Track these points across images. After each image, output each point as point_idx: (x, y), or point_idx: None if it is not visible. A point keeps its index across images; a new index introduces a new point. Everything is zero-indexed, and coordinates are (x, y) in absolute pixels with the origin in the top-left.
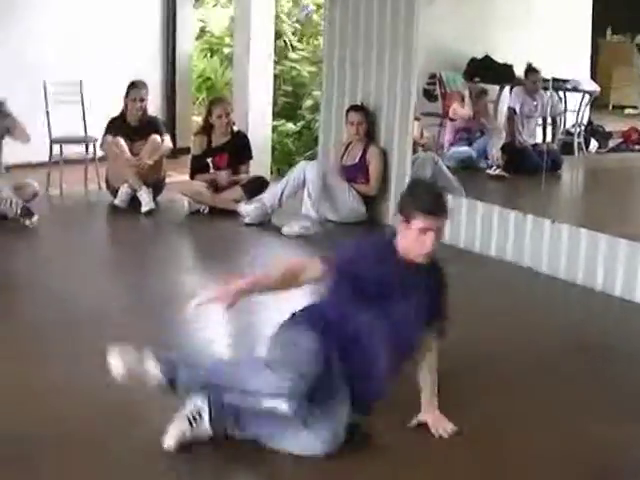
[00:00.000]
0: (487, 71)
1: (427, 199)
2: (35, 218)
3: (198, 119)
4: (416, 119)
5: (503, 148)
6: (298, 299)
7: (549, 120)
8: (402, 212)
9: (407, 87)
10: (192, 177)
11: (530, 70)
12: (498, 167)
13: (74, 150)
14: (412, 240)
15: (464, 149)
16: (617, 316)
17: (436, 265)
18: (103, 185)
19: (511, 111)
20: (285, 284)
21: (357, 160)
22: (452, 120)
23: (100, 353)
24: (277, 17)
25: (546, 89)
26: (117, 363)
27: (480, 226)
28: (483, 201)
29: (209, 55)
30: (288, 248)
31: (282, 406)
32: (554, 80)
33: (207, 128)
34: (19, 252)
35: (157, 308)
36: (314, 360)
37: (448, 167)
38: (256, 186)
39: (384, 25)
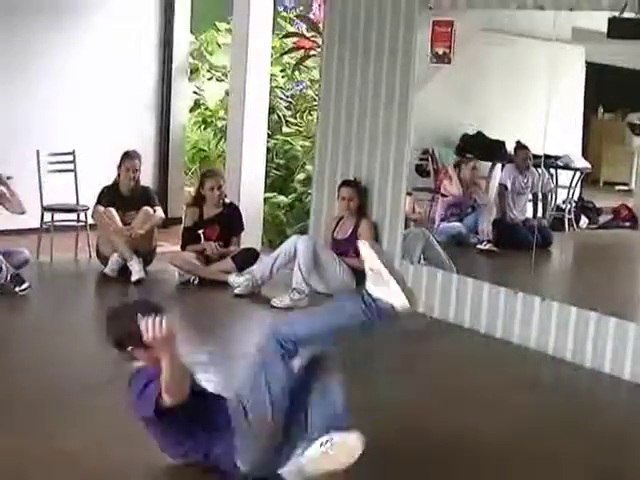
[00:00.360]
0: (479, 147)
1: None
2: (25, 285)
3: (190, 190)
4: (408, 194)
5: (494, 223)
6: None
7: (540, 196)
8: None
9: (400, 162)
10: (183, 248)
11: (519, 147)
12: (489, 242)
13: (65, 218)
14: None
15: (455, 224)
16: (605, 392)
17: None
18: (93, 254)
19: (502, 187)
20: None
21: (348, 234)
22: (444, 196)
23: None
24: (271, 92)
25: (537, 166)
26: None
27: (470, 302)
28: (473, 277)
29: (202, 127)
30: (278, 320)
31: None
32: (546, 157)
33: (199, 200)
34: (8, 319)
35: None
36: None
37: (439, 242)
38: (247, 258)
39: (378, 103)
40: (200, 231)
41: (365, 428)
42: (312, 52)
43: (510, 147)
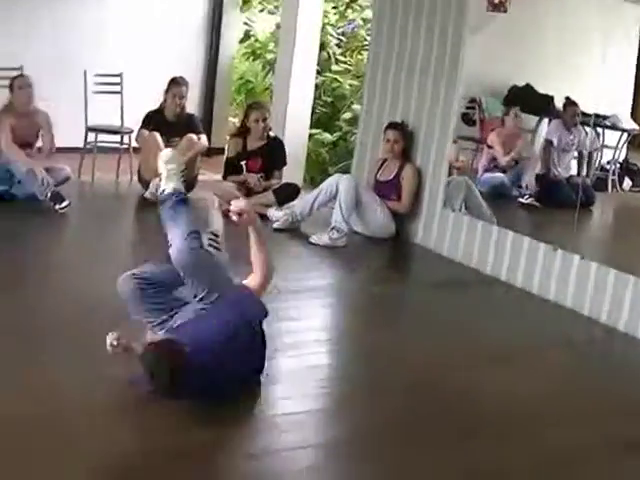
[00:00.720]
0: (527, 100)
1: None
2: (65, 203)
3: (234, 121)
4: (453, 142)
5: (537, 178)
6: None
7: (585, 155)
8: None
9: (447, 110)
10: (225, 178)
11: (568, 103)
12: (531, 196)
13: (109, 139)
14: None
15: (498, 175)
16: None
17: None
18: (135, 177)
19: (547, 142)
20: None
21: (391, 177)
22: (489, 147)
23: None
24: (323, 28)
25: (584, 124)
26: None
27: (508, 255)
28: (513, 230)
29: (251, 59)
30: (314, 257)
31: None
32: (594, 116)
33: (243, 131)
34: (46, 237)
35: None
36: None
37: (480, 192)
38: (288, 192)
39: (430, 46)
40: (242, 162)
41: (389, 380)
42: None
43: (559, 102)
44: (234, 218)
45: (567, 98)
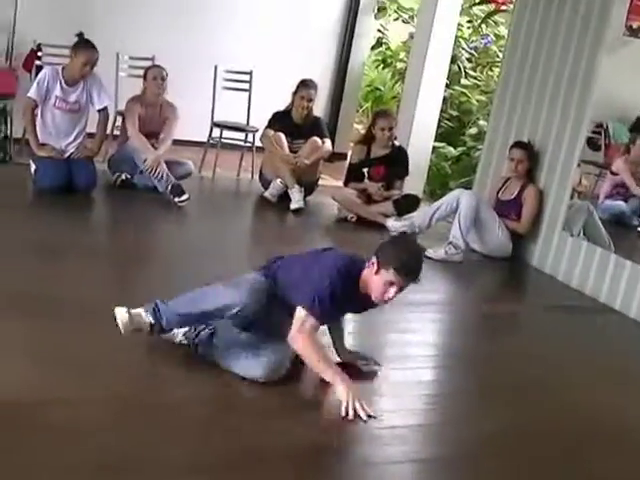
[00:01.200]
0: None
1: (408, 263)
2: (185, 197)
3: (359, 127)
4: (577, 165)
5: None
6: None
7: None
8: (378, 258)
9: (575, 133)
10: (346, 184)
11: None
12: None
13: (234, 136)
14: (376, 286)
15: (619, 203)
16: None
17: None
18: (256, 176)
19: None
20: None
21: (513, 196)
22: (613, 174)
23: None
24: (455, 41)
25: None
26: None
27: (624, 285)
28: (631, 260)
29: (381, 67)
30: (429, 271)
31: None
32: None
33: (368, 138)
34: (163, 229)
35: None
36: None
37: (600, 219)
38: (408, 203)
39: (564, 68)
40: (365, 169)
41: (496, 398)
42: (503, 7)
43: None
44: None
45: None
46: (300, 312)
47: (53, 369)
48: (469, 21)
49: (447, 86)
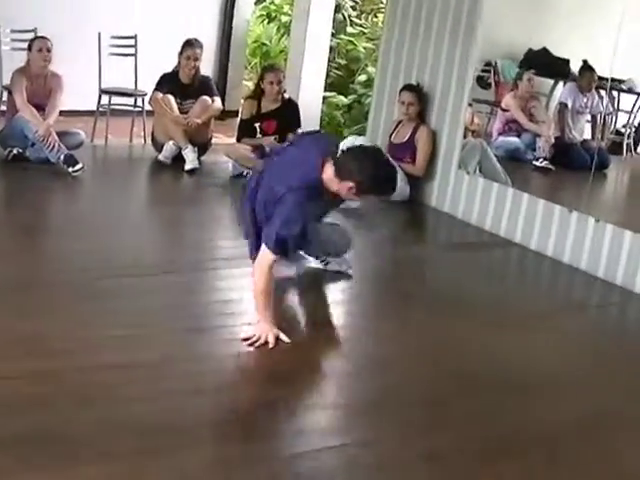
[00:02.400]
0: (543, 64)
1: (384, 183)
2: (79, 166)
3: (249, 84)
4: (468, 105)
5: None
6: None
7: (599, 118)
8: (341, 170)
9: (463, 72)
10: (239, 140)
11: (585, 68)
12: (545, 159)
13: (123, 102)
14: (341, 190)
15: (513, 140)
16: None
17: None
18: (148, 140)
19: (562, 106)
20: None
21: (406, 139)
22: (504, 110)
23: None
24: None
25: (600, 87)
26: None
27: (523, 218)
28: (528, 192)
29: (266, 21)
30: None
31: None
32: (610, 80)
33: (258, 93)
34: (60, 200)
35: (186, 266)
36: None
37: (495, 156)
38: None
39: (447, 8)
40: (257, 125)
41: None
42: None
43: (574, 66)
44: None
45: (584, 62)
46: (263, 248)
47: None
48: None
49: (333, 35)
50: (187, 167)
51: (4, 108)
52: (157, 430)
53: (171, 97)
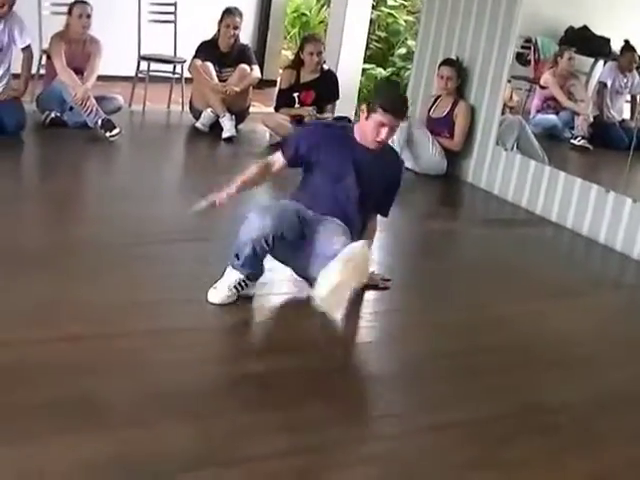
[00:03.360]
0: (583, 42)
1: (390, 99)
2: (116, 131)
3: (287, 53)
4: (507, 81)
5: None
6: None
7: (638, 99)
8: (368, 105)
9: (503, 49)
10: (277, 110)
11: (626, 48)
12: (583, 138)
13: (161, 68)
14: (369, 130)
15: (551, 117)
16: None
17: (397, 163)
18: (186, 107)
19: (601, 85)
20: (261, 177)
21: (444, 114)
22: (542, 88)
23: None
24: None
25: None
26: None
27: (560, 196)
28: (565, 171)
29: None
30: None
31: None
32: None
33: (297, 63)
34: (95, 163)
35: (221, 234)
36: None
37: (533, 133)
38: None
39: None
40: (295, 95)
41: (440, 314)
42: None
43: (615, 45)
44: None
45: (626, 42)
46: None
47: (5, 313)
48: None
49: (373, 8)
50: (224, 135)
51: (43, 72)
52: (184, 397)
53: (210, 65)
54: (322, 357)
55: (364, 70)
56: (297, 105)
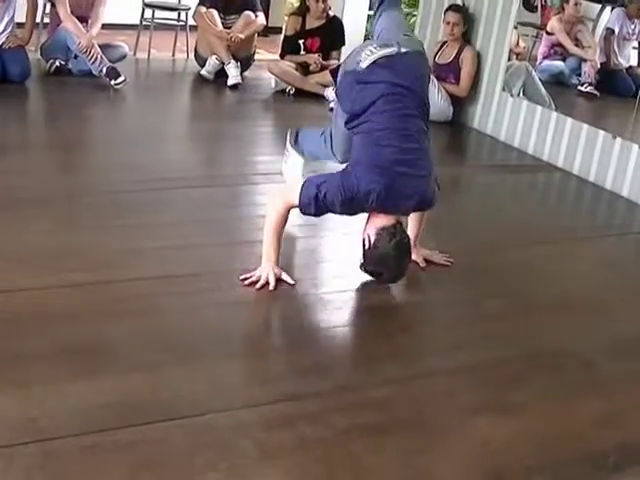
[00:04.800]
0: None
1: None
2: (121, 79)
3: (293, 0)
4: (514, 27)
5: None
6: None
7: None
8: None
9: None
10: (282, 57)
11: None
12: (590, 85)
13: (166, 16)
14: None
15: (557, 64)
16: None
17: None
18: (191, 54)
19: (608, 32)
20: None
21: (450, 60)
22: (549, 34)
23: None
24: None
25: None
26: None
27: (566, 142)
28: (572, 117)
29: None
30: None
31: None
32: None
33: (303, 10)
34: (100, 111)
35: (226, 180)
36: None
37: (540, 80)
38: None
39: None
40: (301, 41)
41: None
42: None
43: None
44: None
45: None
46: (295, 184)
47: (11, 260)
48: None
49: None
50: (230, 82)
51: (47, 20)
52: (191, 341)
53: (215, 12)
54: (323, 302)
55: (370, 16)
56: (303, 52)
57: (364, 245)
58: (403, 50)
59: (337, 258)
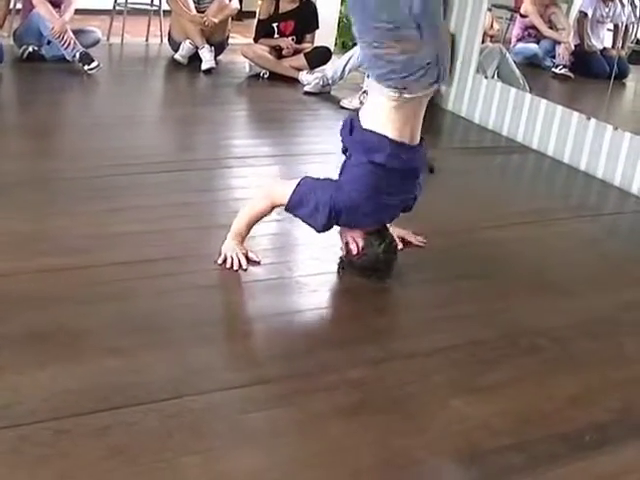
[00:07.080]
0: None
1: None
2: (94, 64)
3: None
4: (488, 10)
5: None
6: None
7: (620, 27)
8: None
9: None
10: (256, 41)
11: None
12: (564, 67)
13: (139, 1)
14: None
15: (531, 46)
16: None
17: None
18: (165, 39)
19: (582, 14)
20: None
21: None
22: (523, 16)
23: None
24: None
25: None
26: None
27: (541, 124)
28: (546, 99)
29: None
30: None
31: None
32: None
33: None
34: (74, 97)
35: (200, 164)
36: None
37: (514, 62)
38: (319, 56)
39: None
40: (274, 24)
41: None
42: None
43: None
44: None
45: None
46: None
47: None
48: None
49: None
50: (204, 67)
51: (20, 6)
52: (165, 325)
53: None
54: (299, 285)
55: (343, 0)
56: (276, 35)
57: (349, 250)
58: None
59: (312, 241)
